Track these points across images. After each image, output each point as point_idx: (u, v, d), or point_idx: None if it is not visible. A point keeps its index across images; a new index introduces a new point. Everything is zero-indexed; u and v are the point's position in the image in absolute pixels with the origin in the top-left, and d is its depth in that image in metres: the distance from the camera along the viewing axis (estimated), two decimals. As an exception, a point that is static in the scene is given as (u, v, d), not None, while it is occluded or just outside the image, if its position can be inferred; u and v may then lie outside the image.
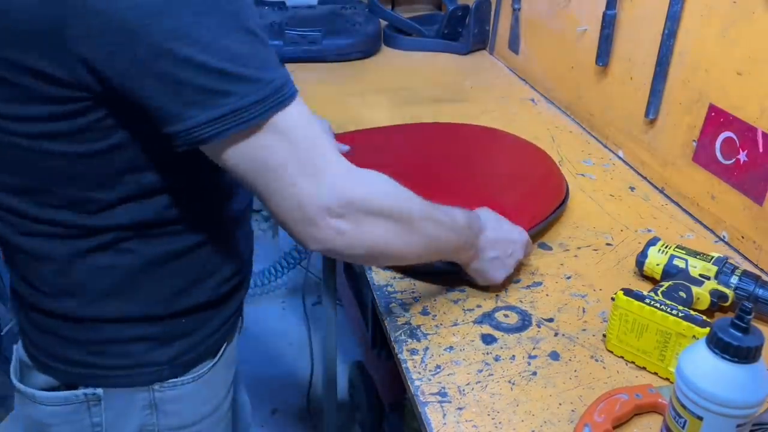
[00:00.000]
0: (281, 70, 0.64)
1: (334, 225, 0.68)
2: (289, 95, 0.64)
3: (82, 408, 0.79)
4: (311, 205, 0.66)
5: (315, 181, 0.66)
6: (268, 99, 0.62)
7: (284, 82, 0.64)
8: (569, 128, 1.43)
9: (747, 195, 1.00)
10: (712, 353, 0.62)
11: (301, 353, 2.19)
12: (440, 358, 0.80)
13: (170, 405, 0.82)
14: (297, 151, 0.65)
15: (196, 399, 0.85)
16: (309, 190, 0.66)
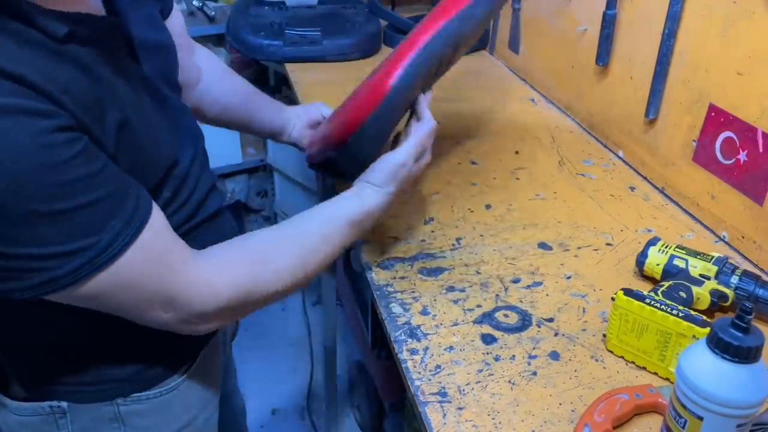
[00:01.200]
0: (113, 223, 0.63)
1: (199, 328, 0.73)
2: (119, 248, 0.63)
3: (50, 420, 0.80)
4: (167, 326, 0.71)
5: (165, 310, 0.69)
6: (87, 264, 0.62)
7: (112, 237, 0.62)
8: (569, 128, 1.43)
9: (747, 195, 1.00)
10: (712, 353, 0.62)
11: (301, 353, 2.19)
12: (440, 358, 0.80)
13: (137, 419, 0.83)
14: (133, 293, 0.66)
15: (165, 413, 0.85)
16: (161, 318, 0.70)
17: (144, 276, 0.66)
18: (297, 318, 2.33)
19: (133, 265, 0.65)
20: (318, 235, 0.81)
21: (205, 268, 0.72)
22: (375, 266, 0.97)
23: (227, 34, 1.84)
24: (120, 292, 0.65)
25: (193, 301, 0.70)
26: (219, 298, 0.72)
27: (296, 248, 0.79)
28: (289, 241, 0.80)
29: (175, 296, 0.69)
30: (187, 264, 0.70)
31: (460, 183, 1.19)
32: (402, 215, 1.09)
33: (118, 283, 0.65)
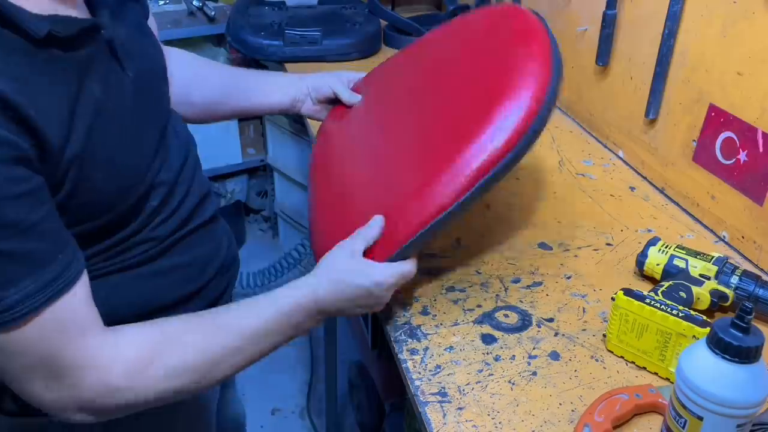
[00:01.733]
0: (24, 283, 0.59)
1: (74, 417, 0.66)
2: (19, 315, 0.59)
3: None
4: (41, 405, 0.65)
5: (48, 386, 0.63)
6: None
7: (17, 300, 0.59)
8: (569, 128, 1.43)
9: (747, 195, 1.00)
10: (712, 353, 0.62)
11: (301, 353, 2.19)
12: (440, 358, 0.80)
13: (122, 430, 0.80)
14: (21, 360, 0.62)
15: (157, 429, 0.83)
16: (39, 394, 0.64)
17: (40, 346, 0.62)
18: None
19: (33, 332, 0.61)
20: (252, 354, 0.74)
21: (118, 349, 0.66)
22: (375, 266, 0.96)
23: (227, 34, 1.84)
24: (7, 356, 0.62)
25: (87, 382, 0.64)
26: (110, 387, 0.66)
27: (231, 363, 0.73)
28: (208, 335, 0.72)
29: (67, 371, 0.63)
30: (92, 340, 0.65)
31: (460, 183, 1.19)
32: (402, 215, 1.08)
33: (8, 347, 0.61)
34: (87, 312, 0.66)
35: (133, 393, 0.67)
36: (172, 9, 2.26)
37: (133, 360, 0.67)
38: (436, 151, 0.80)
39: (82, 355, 0.64)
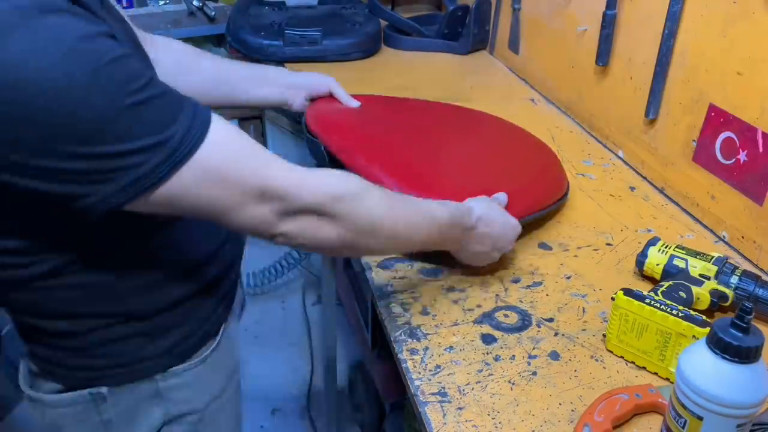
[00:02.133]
0: (181, 118, 0.62)
1: (289, 232, 0.70)
2: (194, 142, 0.63)
3: (90, 407, 0.80)
4: (262, 224, 0.69)
5: (260, 202, 0.67)
6: (170, 158, 0.61)
7: (185, 131, 0.62)
8: (569, 128, 1.43)
9: (747, 195, 1.00)
10: (712, 353, 0.62)
11: (301, 353, 2.19)
12: (440, 358, 0.80)
13: (175, 393, 0.83)
14: (228, 184, 0.65)
15: (200, 384, 0.86)
16: (255, 213, 0.67)
17: (227, 167, 0.65)
18: (297, 318, 2.33)
19: (213, 156, 0.64)
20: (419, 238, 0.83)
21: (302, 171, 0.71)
22: (375, 266, 0.96)
23: (227, 34, 1.84)
24: (206, 188, 0.64)
25: (290, 189, 0.68)
26: (326, 188, 0.70)
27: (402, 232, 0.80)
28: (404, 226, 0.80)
29: (269, 184, 0.67)
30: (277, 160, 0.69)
31: (460, 183, 1.19)
32: (402, 215, 1.08)
33: (202, 177, 0.63)
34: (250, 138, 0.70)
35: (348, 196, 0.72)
36: (172, 9, 2.26)
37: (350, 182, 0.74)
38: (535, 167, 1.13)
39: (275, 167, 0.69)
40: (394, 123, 1.21)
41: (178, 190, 0.63)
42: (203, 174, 0.63)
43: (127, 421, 0.82)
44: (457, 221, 0.85)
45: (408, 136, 1.15)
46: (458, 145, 1.17)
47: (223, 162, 0.65)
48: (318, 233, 0.72)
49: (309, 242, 0.73)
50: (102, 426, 0.82)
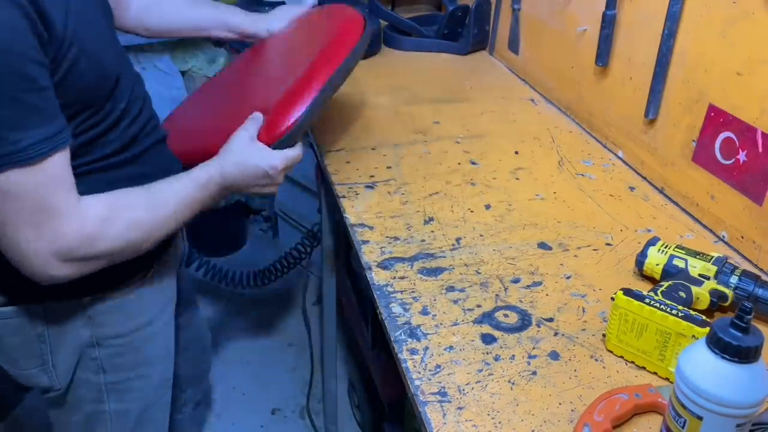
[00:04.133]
0: (37, 131, 0.74)
1: (66, 270, 0.81)
2: (30, 157, 0.73)
3: (26, 321, 0.93)
4: (41, 254, 0.78)
5: (36, 237, 0.77)
6: (8, 156, 0.72)
7: (31, 143, 0.73)
8: (569, 128, 1.43)
9: (746, 195, 1.00)
10: (711, 353, 0.62)
11: (301, 353, 2.19)
12: (440, 358, 0.81)
13: (102, 317, 0.97)
14: (20, 204, 0.75)
15: (126, 312, 1.00)
16: (27, 242, 0.77)
17: (37, 191, 0.76)
18: (297, 318, 2.33)
19: (35, 176, 0.75)
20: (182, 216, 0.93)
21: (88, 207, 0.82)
22: (375, 266, 0.97)
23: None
24: (7, 199, 0.75)
25: (67, 230, 0.79)
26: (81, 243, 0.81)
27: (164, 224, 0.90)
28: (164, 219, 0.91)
29: (53, 218, 0.77)
30: (73, 196, 0.80)
31: (460, 183, 1.19)
32: (402, 215, 1.09)
33: (11, 189, 0.74)
34: (71, 174, 0.80)
35: (104, 241, 0.83)
36: (172, 9, 2.25)
37: (101, 213, 0.82)
38: (295, 73, 1.08)
39: (65, 205, 0.79)
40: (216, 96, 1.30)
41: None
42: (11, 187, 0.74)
43: (57, 336, 0.95)
44: (203, 184, 0.94)
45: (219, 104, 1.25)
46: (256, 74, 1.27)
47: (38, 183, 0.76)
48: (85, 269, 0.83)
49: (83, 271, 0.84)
50: (36, 338, 0.95)
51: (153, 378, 1.09)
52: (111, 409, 1.05)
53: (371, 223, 1.06)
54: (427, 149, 1.31)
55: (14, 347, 0.96)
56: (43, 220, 0.77)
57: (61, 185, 0.78)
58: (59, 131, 0.76)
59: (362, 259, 0.99)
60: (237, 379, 2.07)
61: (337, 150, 1.29)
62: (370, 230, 1.04)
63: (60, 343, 0.96)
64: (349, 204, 1.11)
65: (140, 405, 1.08)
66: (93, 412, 1.04)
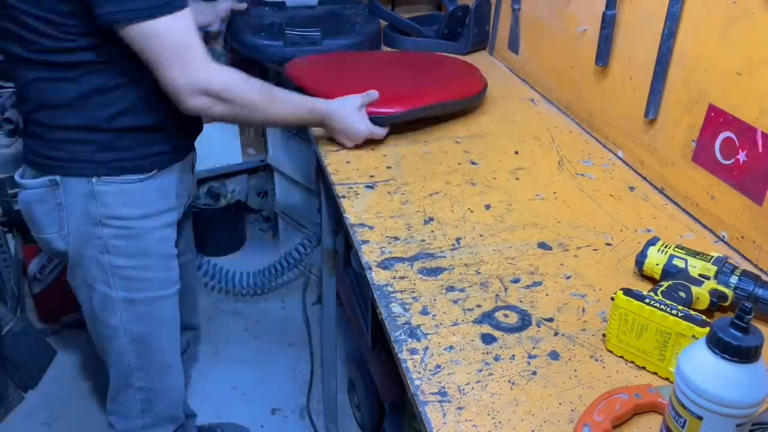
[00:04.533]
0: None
1: (194, 103, 1.06)
2: (175, 7, 0.99)
3: (49, 191, 1.14)
4: (177, 87, 1.04)
5: (182, 71, 1.03)
6: (159, 6, 0.98)
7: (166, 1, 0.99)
8: (569, 128, 1.43)
9: (746, 195, 1.00)
10: (711, 353, 0.62)
11: (301, 353, 2.19)
12: (440, 358, 0.81)
13: (104, 197, 1.14)
14: (171, 46, 1.01)
15: (125, 199, 1.16)
16: (177, 74, 1.03)
17: (183, 36, 1.02)
18: (297, 318, 2.33)
19: (180, 23, 1.01)
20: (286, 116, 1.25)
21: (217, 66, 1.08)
22: (375, 266, 0.97)
23: (227, 35, 1.84)
24: (162, 40, 1.00)
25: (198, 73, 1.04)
26: (214, 83, 1.06)
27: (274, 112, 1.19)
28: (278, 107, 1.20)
29: (190, 61, 1.03)
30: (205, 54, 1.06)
31: (460, 183, 1.19)
32: (402, 215, 1.09)
33: (165, 32, 0.99)
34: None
35: (234, 87, 1.09)
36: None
37: (231, 72, 1.11)
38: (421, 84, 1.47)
39: (202, 54, 1.05)
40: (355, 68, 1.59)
41: (147, 30, 0.99)
42: (167, 29, 1.00)
43: (74, 207, 1.14)
44: (312, 111, 1.25)
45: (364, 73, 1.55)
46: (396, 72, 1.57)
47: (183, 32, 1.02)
48: (214, 110, 1.09)
49: (209, 115, 1.11)
50: (57, 207, 1.15)
51: (153, 270, 1.23)
52: (119, 297, 1.21)
53: (371, 223, 1.06)
54: (427, 149, 1.31)
55: (41, 214, 1.16)
56: (189, 59, 1.02)
57: (195, 32, 1.03)
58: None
59: (362, 259, 0.99)
60: (237, 379, 2.07)
61: (337, 150, 1.29)
62: (370, 230, 1.04)
63: (73, 211, 1.14)
64: (349, 204, 1.11)
65: (145, 296, 1.23)
66: (104, 297, 1.21)
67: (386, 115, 1.32)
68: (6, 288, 2.05)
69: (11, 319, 1.98)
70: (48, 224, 1.17)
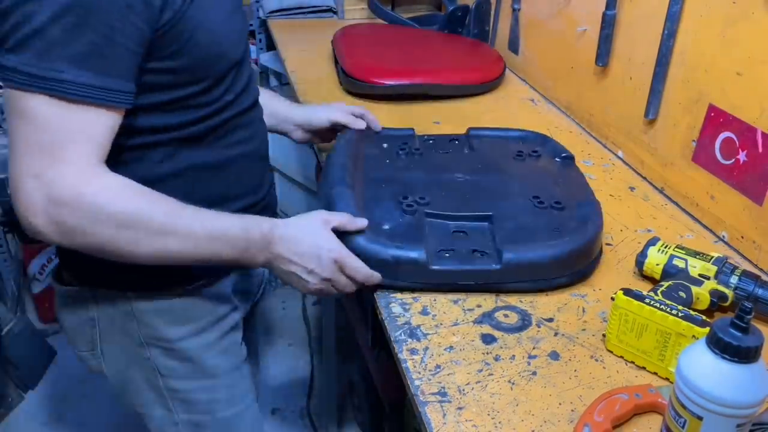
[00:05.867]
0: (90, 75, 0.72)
1: (45, 219, 0.74)
2: (67, 92, 0.71)
3: (79, 302, 0.94)
4: (31, 191, 0.73)
5: (41, 170, 0.72)
6: (47, 80, 0.70)
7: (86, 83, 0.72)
8: (569, 128, 1.43)
9: (746, 195, 1.00)
10: (711, 353, 0.62)
11: (301, 353, 2.19)
12: (440, 358, 0.81)
13: (145, 316, 0.93)
14: (42, 134, 0.72)
15: (171, 317, 0.95)
16: (27, 178, 0.73)
17: (63, 132, 0.73)
18: (297, 318, 2.33)
19: (70, 116, 0.72)
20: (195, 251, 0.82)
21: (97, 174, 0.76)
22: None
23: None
24: (34, 125, 0.72)
25: (67, 176, 0.73)
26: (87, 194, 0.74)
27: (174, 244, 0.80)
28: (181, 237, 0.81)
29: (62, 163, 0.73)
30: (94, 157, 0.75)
31: (460, 183, 1.19)
32: (402, 215, 1.08)
33: (42, 117, 0.72)
34: (108, 140, 0.77)
35: (99, 213, 0.75)
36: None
37: (114, 186, 0.77)
38: (440, 64, 1.63)
39: (80, 159, 0.74)
40: (389, 43, 1.72)
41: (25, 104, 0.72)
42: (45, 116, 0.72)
43: (110, 326, 0.94)
44: (251, 236, 0.84)
45: (396, 49, 1.67)
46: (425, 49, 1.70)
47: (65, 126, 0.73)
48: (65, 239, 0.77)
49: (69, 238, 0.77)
50: (89, 322, 0.95)
51: (219, 390, 1.01)
52: (181, 420, 1.01)
53: (371, 223, 1.06)
54: (427, 149, 1.31)
55: (71, 326, 0.97)
56: (50, 161, 0.72)
57: (89, 142, 0.74)
58: (119, 90, 0.74)
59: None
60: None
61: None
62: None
63: (109, 332, 0.95)
64: (349, 204, 1.11)
65: (213, 418, 1.02)
66: (165, 421, 1.01)
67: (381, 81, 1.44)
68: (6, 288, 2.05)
69: (11, 319, 1.98)
70: (78, 339, 0.98)
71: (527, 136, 1.25)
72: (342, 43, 1.66)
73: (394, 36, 1.80)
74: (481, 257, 0.91)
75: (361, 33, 1.77)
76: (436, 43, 1.75)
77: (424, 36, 1.80)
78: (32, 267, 2.11)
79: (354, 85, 1.50)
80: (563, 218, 0.99)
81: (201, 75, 0.84)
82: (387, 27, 1.90)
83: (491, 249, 0.92)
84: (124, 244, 0.78)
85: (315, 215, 0.89)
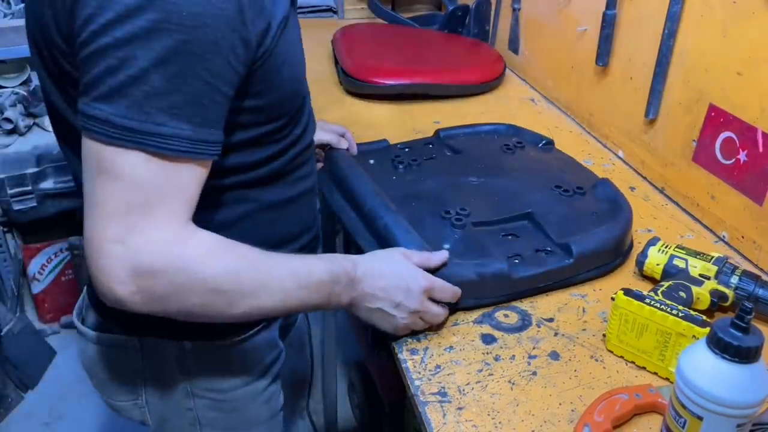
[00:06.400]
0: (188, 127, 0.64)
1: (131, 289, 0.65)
2: (168, 148, 0.63)
3: (122, 353, 0.85)
4: (116, 259, 0.64)
5: (127, 234, 0.63)
6: (144, 134, 0.62)
7: (186, 136, 0.64)
8: (569, 128, 1.43)
9: (747, 195, 1.00)
10: (712, 353, 0.62)
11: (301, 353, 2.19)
12: (440, 358, 0.80)
13: (197, 365, 0.86)
14: (132, 195, 0.63)
15: (229, 367, 0.88)
16: (111, 244, 0.64)
17: (157, 189, 0.64)
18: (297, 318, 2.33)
19: (158, 171, 0.64)
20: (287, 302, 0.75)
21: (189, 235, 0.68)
22: (375, 266, 0.96)
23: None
24: (121, 183, 0.63)
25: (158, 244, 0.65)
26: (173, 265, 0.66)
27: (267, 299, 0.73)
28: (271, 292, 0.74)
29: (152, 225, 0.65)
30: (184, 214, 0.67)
31: (460, 183, 1.19)
32: (402, 215, 1.08)
33: (132, 174, 0.63)
34: (197, 195, 0.69)
35: (188, 279, 0.67)
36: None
37: (205, 249, 0.68)
38: (443, 64, 1.63)
39: (173, 220, 0.66)
40: (390, 42, 1.75)
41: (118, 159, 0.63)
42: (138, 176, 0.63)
43: (158, 376, 0.86)
44: (337, 276, 0.77)
45: (397, 49, 1.69)
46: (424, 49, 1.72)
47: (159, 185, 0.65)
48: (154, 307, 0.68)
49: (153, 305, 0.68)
50: (133, 374, 0.86)
51: None
52: None
53: (371, 223, 1.06)
54: (427, 149, 1.30)
55: (109, 377, 0.88)
56: (139, 222, 0.64)
57: (181, 200, 0.66)
58: (215, 141, 0.67)
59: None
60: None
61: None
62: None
63: (156, 381, 0.87)
64: (349, 204, 1.11)
65: None
66: None
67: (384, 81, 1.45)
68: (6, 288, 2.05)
69: (11, 319, 1.98)
70: (118, 391, 0.90)
71: (498, 128, 1.28)
72: (342, 42, 1.66)
73: (394, 36, 1.80)
74: (546, 255, 0.90)
75: (361, 33, 1.77)
76: (436, 43, 1.74)
77: (424, 36, 1.79)
78: (32, 267, 2.11)
79: (354, 84, 1.50)
80: (590, 201, 1.00)
81: (283, 111, 0.79)
82: (387, 27, 1.89)
83: (552, 245, 0.91)
84: (215, 308, 0.71)
85: (392, 250, 0.86)
